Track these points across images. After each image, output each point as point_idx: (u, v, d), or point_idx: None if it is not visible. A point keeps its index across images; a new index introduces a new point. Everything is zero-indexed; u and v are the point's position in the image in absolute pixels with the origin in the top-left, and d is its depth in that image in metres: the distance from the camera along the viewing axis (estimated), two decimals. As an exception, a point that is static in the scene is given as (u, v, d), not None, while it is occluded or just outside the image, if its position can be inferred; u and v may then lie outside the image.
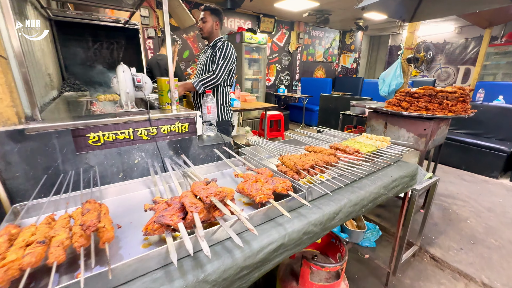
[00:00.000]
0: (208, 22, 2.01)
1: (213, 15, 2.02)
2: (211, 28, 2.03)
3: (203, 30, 2.03)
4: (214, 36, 2.08)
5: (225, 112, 2.19)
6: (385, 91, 3.04)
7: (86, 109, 1.57)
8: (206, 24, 2.02)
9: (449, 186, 3.02)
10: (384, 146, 1.43)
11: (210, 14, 2.01)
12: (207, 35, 2.06)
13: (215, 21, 2.03)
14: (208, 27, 2.02)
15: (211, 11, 2.01)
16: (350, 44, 7.63)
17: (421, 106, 1.87)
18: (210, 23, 2.01)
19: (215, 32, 2.06)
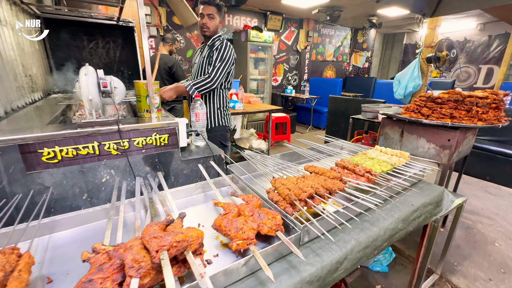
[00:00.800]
0: (215, 19, 1.80)
1: (219, 12, 1.81)
2: (216, 27, 1.83)
3: (208, 28, 1.80)
4: (215, 34, 1.88)
5: (222, 116, 1.99)
6: (400, 94, 2.77)
7: (63, 115, 1.41)
8: (213, 21, 1.79)
9: (473, 199, 2.71)
10: (402, 163, 1.20)
11: (218, 11, 1.80)
12: (211, 33, 1.83)
13: (220, 19, 1.83)
14: (214, 26, 1.81)
15: (217, 8, 1.79)
16: (362, 42, 7.28)
17: (445, 113, 1.61)
18: (217, 20, 1.81)
19: (217, 31, 1.86)
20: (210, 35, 1.84)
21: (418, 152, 1.85)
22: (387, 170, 1.09)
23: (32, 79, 1.73)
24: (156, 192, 0.89)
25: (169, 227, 0.63)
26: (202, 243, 0.62)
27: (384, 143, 2.08)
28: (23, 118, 1.16)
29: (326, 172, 0.95)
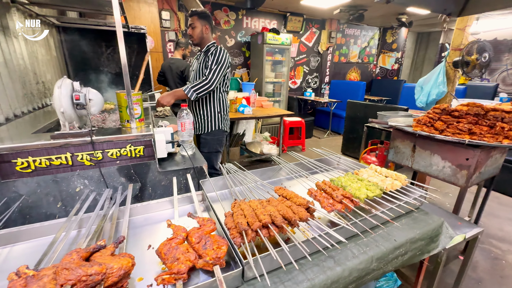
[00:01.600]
0: (197, 27, 1.82)
1: (201, 19, 1.82)
2: (200, 33, 1.83)
3: (192, 36, 1.86)
4: (206, 42, 1.88)
5: (221, 120, 1.98)
6: (422, 102, 2.50)
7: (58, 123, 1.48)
8: (195, 30, 1.83)
9: (506, 225, 2.36)
10: (396, 188, 1.05)
11: (198, 19, 1.82)
12: (197, 41, 1.87)
13: (203, 25, 1.83)
14: (198, 33, 1.83)
15: (198, 16, 1.81)
16: (391, 42, 6.80)
17: (462, 128, 1.40)
18: (199, 28, 1.82)
19: (205, 37, 1.86)
20: (197, 43, 1.87)
21: (432, 171, 1.64)
22: (373, 196, 0.96)
23: (45, 85, 1.86)
24: (116, 207, 0.88)
25: (96, 254, 0.60)
26: (128, 274, 0.59)
27: (394, 157, 1.88)
28: (16, 126, 1.23)
29: (294, 198, 0.86)
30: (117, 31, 1.04)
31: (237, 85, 4.71)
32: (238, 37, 4.91)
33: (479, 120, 1.39)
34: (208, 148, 2.00)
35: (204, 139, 1.99)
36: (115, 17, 1.03)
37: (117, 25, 1.04)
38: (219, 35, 4.74)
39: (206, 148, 2.00)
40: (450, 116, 1.47)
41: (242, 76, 5.20)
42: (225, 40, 4.82)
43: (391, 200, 0.95)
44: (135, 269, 0.67)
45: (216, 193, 1.03)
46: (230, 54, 4.86)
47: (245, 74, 5.22)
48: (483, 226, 2.33)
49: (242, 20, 4.86)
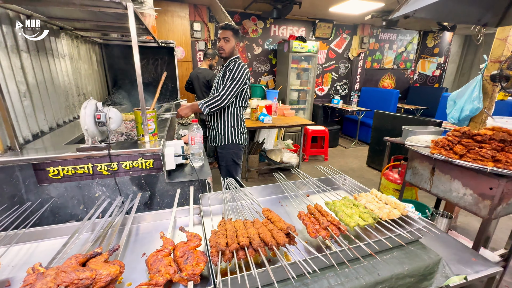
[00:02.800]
0: (230, 42, 1.89)
1: (235, 35, 1.90)
2: (232, 49, 1.91)
3: (224, 50, 1.89)
4: (232, 56, 1.96)
5: (236, 134, 2.05)
6: (454, 117, 2.30)
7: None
8: (228, 44, 1.88)
9: (554, 262, 2.04)
10: (394, 217, 1.01)
11: (233, 35, 1.89)
12: (227, 55, 1.93)
13: (237, 42, 1.91)
14: (230, 48, 1.90)
15: (233, 31, 1.88)
16: (433, 47, 6.28)
17: (485, 155, 1.28)
18: (233, 43, 1.90)
19: (234, 53, 1.95)
20: (226, 57, 1.93)
21: (451, 197, 1.52)
22: (364, 225, 0.94)
23: (85, 96, 2.14)
24: (122, 215, 1.01)
25: (92, 260, 0.71)
26: (115, 280, 0.68)
27: (412, 178, 1.77)
28: (57, 135, 1.46)
29: (277, 222, 0.89)
30: (133, 50, 1.16)
31: (262, 92, 4.80)
32: (265, 45, 5.00)
33: (505, 147, 1.26)
34: (226, 161, 2.09)
35: (220, 152, 2.09)
36: (132, 39, 1.15)
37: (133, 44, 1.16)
38: (247, 44, 4.88)
39: (224, 161, 2.10)
40: (472, 140, 1.35)
41: (268, 83, 5.27)
42: (252, 48, 4.94)
43: (384, 230, 0.93)
44: (127, 274, 0.77)
45: (210, 207, 1.10)
46: (256, 62, 4.98)
47: (271, 81, 5.28)
48: (523, 261, 2.05)
49: (270, 28, 4.94)
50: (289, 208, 1.21)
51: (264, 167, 3.72)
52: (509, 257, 1.71)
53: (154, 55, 3.08)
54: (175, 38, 3.95)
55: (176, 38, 3.96)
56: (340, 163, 4.26)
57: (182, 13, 3.92)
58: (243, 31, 4.77)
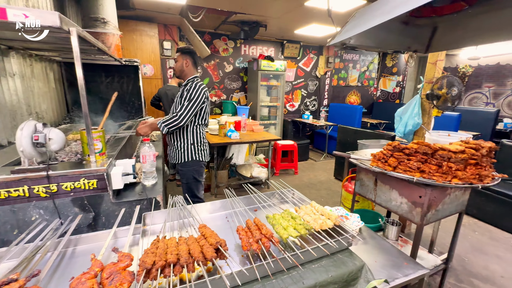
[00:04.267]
0: (178, 61, 2.01)
1: (183, 54, 2.00)
2: (181, 67, 2.01)
3: (174, 69, 2.04)
4: (187, 75, 2.05)
5: (196, 151, 2.08)
6: (400, 132, 2.52)
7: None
8: (176, 64, 2.02)
9: (492, 262, 2.24)
10: (327, 227, 1.09)
11: (181, 55, 2.00)
12: (178, 74, 2.06)
13: (185, 59, 2.00)
14: (178, 66, 2.01)
15: (181, 52, 2.00)
16: (391, 66, 6.87)
17: (412, 166, 1.43)
18: (180, 62, 2.00)
19: (186, 71, 2.03)
20: (178, 76, 2.05)
21: (391, 206, 1.65)
22: (296, 236, 1.00)
23: (38, 115, 2.07)
24: (54, 238, 0.98)
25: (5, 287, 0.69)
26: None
27: (360, 189, 1.90)
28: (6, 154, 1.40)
29: (209, 238, 0.92)
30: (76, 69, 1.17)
31: (233, 109, 4.90)
32: (236, 63, 5.18)
33: (428, 159, 1.42)
34: (186, 178, 2.10)
35: (181, 170, 2.10)
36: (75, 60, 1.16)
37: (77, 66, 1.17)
38: (218, 62, 5.02)
39: (184, 179, 2.11)
40: (402, 153, 1.50)
41: (240, 100, 5.40)
42: (224, 66, 5.09)
43: (313, 240, 0.99)
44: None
45: (150, 227, 1.10)
46: (228, 79, 5.12)
47: (243, 97, 5.43)
48: (467, 263, 2.23)
49: (240, 48, 5.14)
50: (235, 223, 1.24)
51: (234, 183, 3.73)
52: (448, 260, 1.85)
53: (119, 73, 3.08)
54: (144, 56, 3.98)
55: (145, 56, 3.99)
56: (310, 176, 4.39)
57: (151, 32, 3.99)
58: (214, 50, 4.92)
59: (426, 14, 1.61)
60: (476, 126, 4.77)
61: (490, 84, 6.21)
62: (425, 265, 1.86)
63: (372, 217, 2.36)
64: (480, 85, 6.40)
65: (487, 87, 6.27)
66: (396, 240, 2.08)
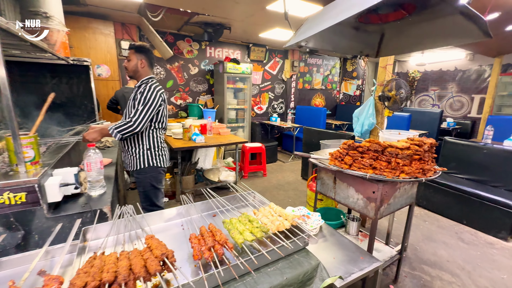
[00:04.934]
0: (132, 60, 1.87)
1: (138, 53, 1.87)
2: (134, 67, 1.87)
3: (127, 68, 1.89)
4: (141, 76, 1.91)
5: (153, 157, 1.94)
6: (358, 131, 2.66)
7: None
8: (130, 63, 1.87)
9: (440, 249, 2.45)
10: (284, 228, 1.07)
11: (135, 53, 1.87)
12: (131, 74, 1.91)
13: (140, 59, 1.87)
14: (132, 66, 1.87)
15: (135, 49, 1.87)
16: (352, 71, 7.32)
17: (364, 163, 1.50)
18: (134, 61, 1.86)
19: (141, 71, 1.90)
20: (131, 76, 1.91)
21: (349, 202, 1.71)
22: (252, 240, 0.97)
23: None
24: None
25: None
26: None
27: (321, 188, 1.95)
28: None
29: (155, 250, 0.84)
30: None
31: (199, 112, 4.77)
32: (202, 65, 5.07)
33: (379, 156, 1.50)
34: (143, 186, 1.95)
35: (137, 177, 1.95)
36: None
37: None
38: (182, 64, 4.86)
39: (141, 187, 1.96)
40: (356, 151, 1.57)
41: (206, 103, 5.29)
42: (189, 69, 4.95)
43: (268, 243, 0.97)
44: None
45: (90, 243, 0.99)
46: (193, 82, 4.98)
47: (210, 100, 5.32)
48: (419, 251, 2.41)
49: (205, 50, 5.05)
50: (190, 230, 1.17)
51: (200, 188, 3.61)
52: (403, 249, 1.98)
53: (67, 73, 2.79)
54: (98, 56, 3.68)
55: (99, 56, 3.70)
56: (278, 178, 4.44)
57: (106, 31, 3.72)
58: (177, 51, 4.76)
59: (373, 21, 1.72)
60: (425, 125, 5.27)
61: (435, 88, 6.95)
62: (382, 256, 1.98)
63: (335, 214, 2.44)
64: (427, 88, 7.12)
65: (433, 90, 7.00)
66: (356, 235, 2.17)
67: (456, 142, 3.32)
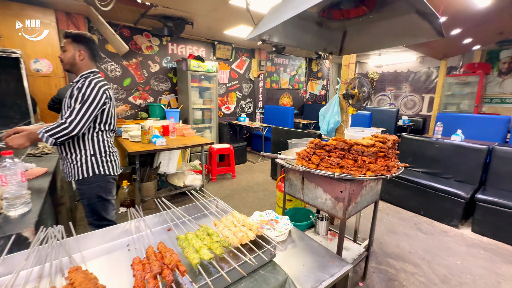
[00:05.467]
0: (68, 51, 1.58)
1: (75, 43, 1.59)
2: (71, 59, 1.59)
3: (62, 61, 1.61)
4: (80, 70, 1.64)
5: (99, 164, 1.67)
6: (324, 130, 2.67)
7: None
8: (65, 54, 1.59)
9: (402, 240, 2.56)
10: (248, 240, 0.95)
11: (71, 42, 1.58)
12: (67, 67, 1.63)
13: (78, 50, 1.59)
14: (68, 58, 1.59)
15: (72, 39, 1.59)
16: (317, 71, 7.53)
17: (332, 162, 1.44)
18: (71, 52, 1.58)
19: (79, 64, 1.62)
20: (68, 70, 1.63)
21: (318, 203, 1.65)
22: (210, 259, 0.83)
23: None
24: None
25: None
26: None
27: (290, 189, 1.87)
28: None
29: (87, 282, 0.66)
30: None
31: (161, 112, 4.45)
32: (164, 62, 4.74)
33: (345, 154, 1.46)
34: (88, 199, 1.67)
35: (80, 188, 1.66)
36: None
37: None
38: (141, 60, 4.49)
39: (86, 199, 1.68)
40: (324, 150, 1.51)
41: (170, 102, 4.96)
42: (149, 66, 4.58)
43: (231, 261, 0.84)
44: None
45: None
46: (155, 80, 4.63)
47: (174, 100, 5.01)
48: (384, 245, 2.48)
49: (167, 46, 4.73)
50: (138, 251, 0.98)
51: (164, 194, 3.33)
52: (370, 245, 2.00)
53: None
54: (36, 48, 3.18)
55: (37, 48, 3.19)
56: (248, 179, 4.33)
57: (45, 20, 3.22)
58: (135, 46, 4.37)
59: (335, 17, 1.69)
60: (383, 123, 5.61)
61: (391, 88, 7.47)
62: (351, 255, 1.97)
63: (304, 214, 2.40)
64: (384, 88, 7.63)
65: (389, 90, 7.52)
66: (326, 234, 2.14)
67: (412, 138, 3.54)
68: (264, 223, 1.43)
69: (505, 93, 5.56)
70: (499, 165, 2.85)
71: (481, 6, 2.65)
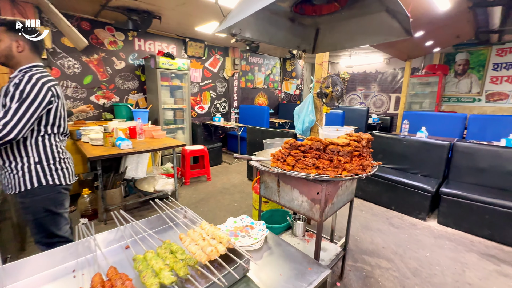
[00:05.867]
0: (2, 41, 1.34)
1: (11, 32, 1.35)
2: (6, 50, 1.35)
3: None
4: (19, 63, 1.40)
5: (47, 173, 1.45)
6: (299, 129, 2.64)
7: None
8: (0, 44, 1.34)
9: (376, 236, 2.62)
10: (217, 255, 0.84)
11: (6, 31, 1.34)
12: (2, 60, 1.37)
13: (15, 40, 1.36)
14: (2, 50, 1.34)
15: (7, 27, 1.34)
16: (291, 71, 7.59)
17: (307, 163, 1.39)
18: (6, 43, 1.34)
19: (18, 57, 1.38)
20: (4, 63, 1.39)
21: (294, 205, 1.59)
22: (171, 283, 0.71)
23: None
24: None
25: None
26: None
27: (265, 192, 1.79)
28: None
29: None
30: None
31: (128, 113, 4.14)
32: (130, 59, 4.42)
33: (321, 154, 1.42)
34: (33, 213, 1.43)
35: (23, 202, 1.42)
36: None
37: None
38: (104, 56, 4.13)
39: (30, 214, 1.43)
40: (299, 151, 1.45)
41: (138, 102, 4.64)
42: (113, 62, 4.23)
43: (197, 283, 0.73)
44: None
45: None
46: (120, 78, 4.30)
47: (142, 99, 4.69)
48: (359, 241, 2.51)
49: (133, 42, 4.41)
50: (85, 276, 0.83)
51: (132, 201, 3.08)
52: (346, 244, 1.99)
53: None
54: (-28, 39, 2.74)
55: (-26, 40, 2.76)
56: (223, 181, 4.20)
57: (-17, 7, 2.80)
58: (96, 41, 4.01)
59: (308, 12, 1.64)
60: (355, 121, 5.81)
61: (361, 88, 7.79)
62: (328, 256, 1.94)
63: (281, 215, 2.35)
64: (355, 88, 7.93)
65: (360, 90, 7.83)
66: (303, 236, 2.10)
67: (382, 135, 3.67)
68: (238, 230, 1.33)
69: (460, 92, 6.06)
70: (459, 160, 3.05)
71: (441, 10, 2.81)
